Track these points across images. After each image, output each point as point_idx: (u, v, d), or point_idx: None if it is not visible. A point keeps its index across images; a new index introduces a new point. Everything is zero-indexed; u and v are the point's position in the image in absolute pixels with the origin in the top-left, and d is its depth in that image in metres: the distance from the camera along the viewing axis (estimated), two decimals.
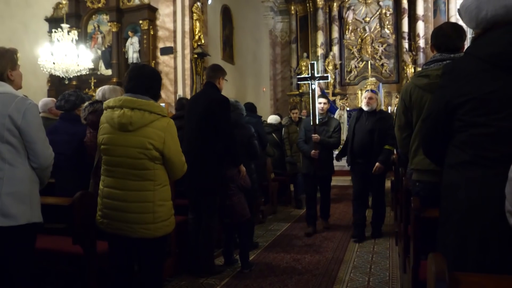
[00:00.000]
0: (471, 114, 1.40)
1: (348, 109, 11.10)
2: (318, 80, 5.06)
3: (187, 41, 8.25)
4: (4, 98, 1.89)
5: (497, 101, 1.33)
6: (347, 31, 12.89)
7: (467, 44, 1.97)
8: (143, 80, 2.12)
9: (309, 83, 5.04)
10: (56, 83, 8.81)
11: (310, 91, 4.95)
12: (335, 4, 12.80)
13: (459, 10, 1.58)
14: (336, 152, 5.25)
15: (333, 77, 12.56)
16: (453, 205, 1.44)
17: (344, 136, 6.63)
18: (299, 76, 5.38)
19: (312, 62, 5.32)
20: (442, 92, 1.52)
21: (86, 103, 2.97)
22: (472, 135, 1.40)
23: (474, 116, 1.39)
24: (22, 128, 1.89)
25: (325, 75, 5.61)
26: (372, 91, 4.48)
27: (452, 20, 10.76)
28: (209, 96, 3.33)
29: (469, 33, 7.95)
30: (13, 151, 1.90)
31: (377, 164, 4.20)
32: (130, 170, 2.06)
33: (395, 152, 4.68)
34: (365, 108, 4.35)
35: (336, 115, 10.02)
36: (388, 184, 6.07)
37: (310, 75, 5.02)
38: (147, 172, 2.06)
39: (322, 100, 4.85)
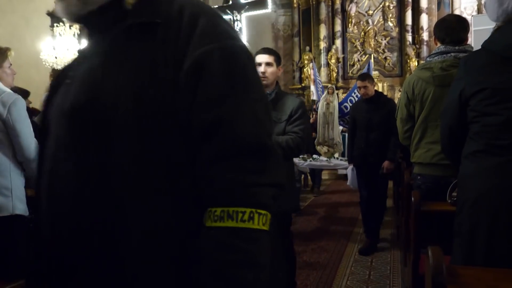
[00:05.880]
0: (483, 104, 1.44)
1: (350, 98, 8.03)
2: (246, 10, 2.39)
3: None
4: None
5: (507, 91, 1.38)
6: (350, 24, 12.78)
7: (470, 36, 1.97)
8: None
9: (230, 18, 2.47)
10: None
11: None
12: None
13: (485, 3, 1.61)
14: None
15: (336, 70, 12.49)
16: (466, 194, 1.47)
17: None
18: (216, 6, 2.98)
19: None
20: (457, 83, 1.57)
21: None
22: (484, 125, 1.44)
23: (485, 105, 1.43)
24: (7, 121, 1.92)
25: None
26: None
27: (456, 12, 10.64)
28: None
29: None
30: None
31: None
32: None
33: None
34: None
35: (322, 100, 7.53)
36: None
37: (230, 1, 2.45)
38: None
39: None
